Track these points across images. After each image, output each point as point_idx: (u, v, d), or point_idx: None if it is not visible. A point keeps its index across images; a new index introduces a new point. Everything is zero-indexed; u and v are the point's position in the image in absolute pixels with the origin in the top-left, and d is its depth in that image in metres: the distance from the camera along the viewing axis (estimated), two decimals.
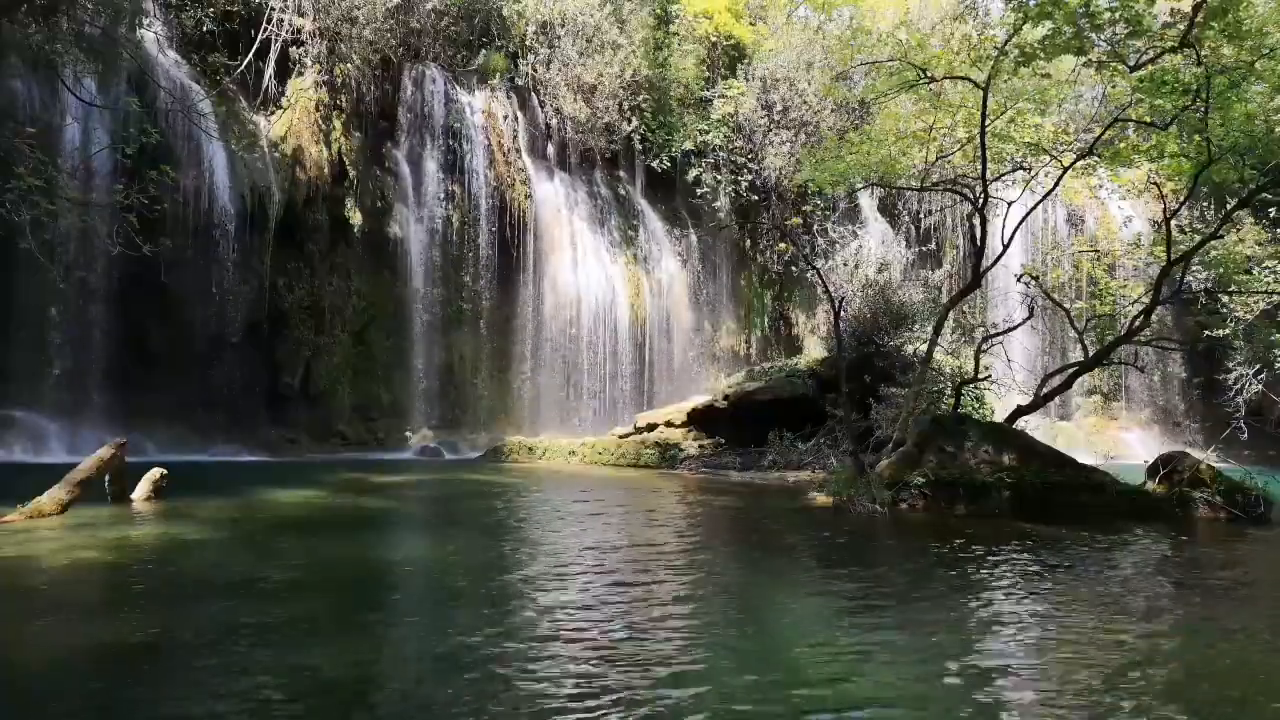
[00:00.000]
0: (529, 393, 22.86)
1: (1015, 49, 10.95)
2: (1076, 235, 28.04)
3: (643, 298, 24.58)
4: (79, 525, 7.47)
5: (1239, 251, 17.28)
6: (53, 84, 15.22)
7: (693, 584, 6.00)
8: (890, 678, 3.98)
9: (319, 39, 20.27)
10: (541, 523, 9.32)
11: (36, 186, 11.28)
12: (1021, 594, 5.88)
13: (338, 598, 5.46)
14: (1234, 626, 5.14)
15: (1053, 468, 10.58)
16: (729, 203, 26.24)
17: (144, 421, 15.94)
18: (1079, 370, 13.62)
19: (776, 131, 25.79)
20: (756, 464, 15.85)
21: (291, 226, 19.46)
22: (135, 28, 15.64)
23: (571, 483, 13.64)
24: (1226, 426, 21.40)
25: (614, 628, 4.68)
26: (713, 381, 24.04)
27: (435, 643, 4.39)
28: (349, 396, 20.44)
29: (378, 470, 14.60)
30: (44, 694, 3.65)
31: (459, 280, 22.07)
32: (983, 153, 11.90)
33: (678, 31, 26.49)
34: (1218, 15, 9.79)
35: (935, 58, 12.34)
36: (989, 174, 12.28)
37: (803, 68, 25.81)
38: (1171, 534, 8.89)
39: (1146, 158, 12.44)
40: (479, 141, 22.56)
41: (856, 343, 17.10)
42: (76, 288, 16.22)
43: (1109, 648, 4.52)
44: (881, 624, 4.94)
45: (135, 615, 4.82)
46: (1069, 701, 3.70)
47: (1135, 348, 16.25)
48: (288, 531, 8.05)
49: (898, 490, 10.11)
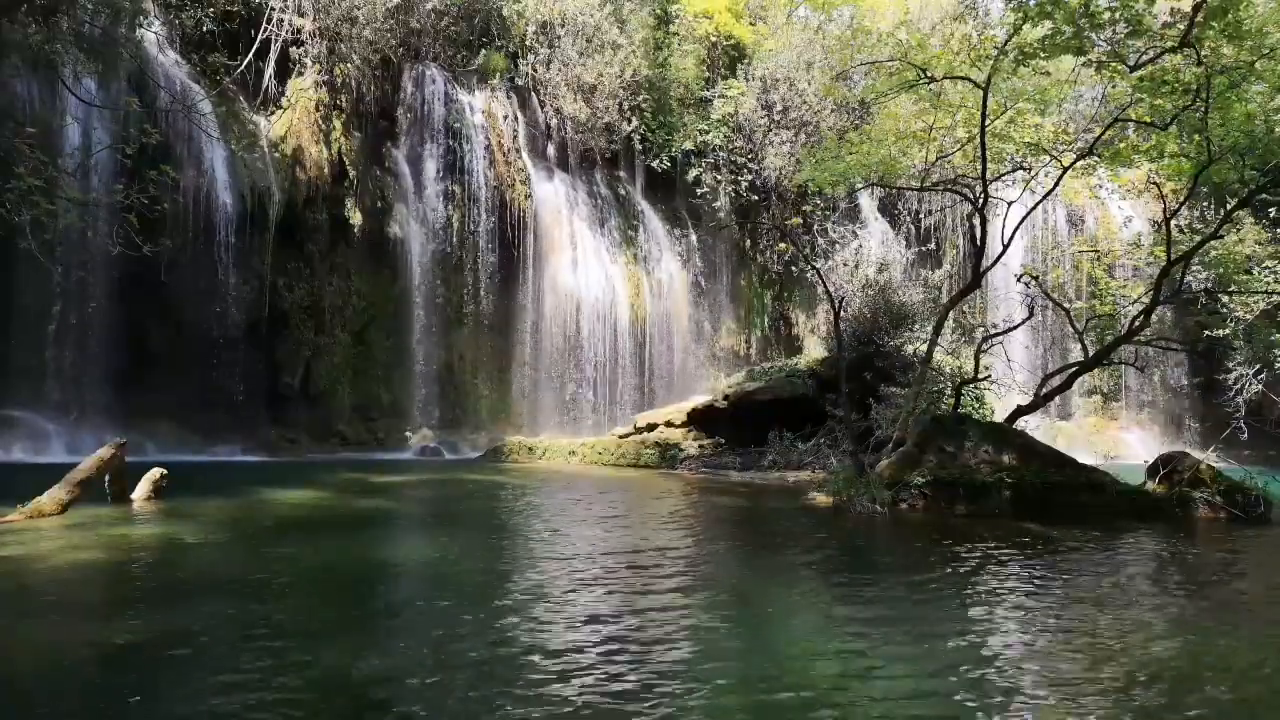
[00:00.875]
0: (529, 393, 22.86)
1: (1015, 49, 10.95)
2: (1076, 235, 28.04)
3: (643, 298, 24.58)
4: (79, 525, 7.47)
5: (1239, 251, 17.26)
6: (53, 84, 15.22)
7: (693, 584, 6.00)
8: (890, 678, 3.98)
9: (319, 39, 20.27)
10: (541, 523, 9.31)
11: (36, 186, 11.28)
12: (1022, 594, 5.88)
13: (338, 598, 5.46)
14: (1234, 627, 5.14)
15: (1053, 468, 10.58)
16: (729, 203, 26.24)
17: (144, 421, 15.96)
18: (1079, 370, 13.61)
19: (776, 131, 25.79)
20: (756, 464, 15.86)
21: (291, 226, 19.46)
22: (135, 28, 15.63)
23: (571, 483, 13.64)
24: (1226, 426, 21.39)
25: (613, 628, 4.68)
26: (713, 381, 24.04)
27: (435, 643, 4.39)
28: (349, 396, 20.44)
29: (378, 470, 14.60)
30: (44, 694, 3.65)
31: (459, 280, 22.07)
32: (983, 153, 11.89)
33: (678, 31, 26.49)
34: (1218, 15, 9.78)
35: (935, 58, 12.33)
36: (989, 174, 12.27)
37: (803, 68, 25.81)
38: (1171, 534, 8.89)
39: (1146, 158, 12.43)
40: (479, 141, 22.55)
41: (856, 343, 17.10)
42: (76, 288, 16.22)
43: (1109, 648, 4.52)
44: (882, 624, 4.94)
45: (135, 615, 4.82)
46: (1070, 701, 3.70)
47: (1135, 348, 16.24)
48: (288, 532, 8.05)
49: (898, 490, 10.11)
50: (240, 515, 8.82)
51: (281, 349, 19.40)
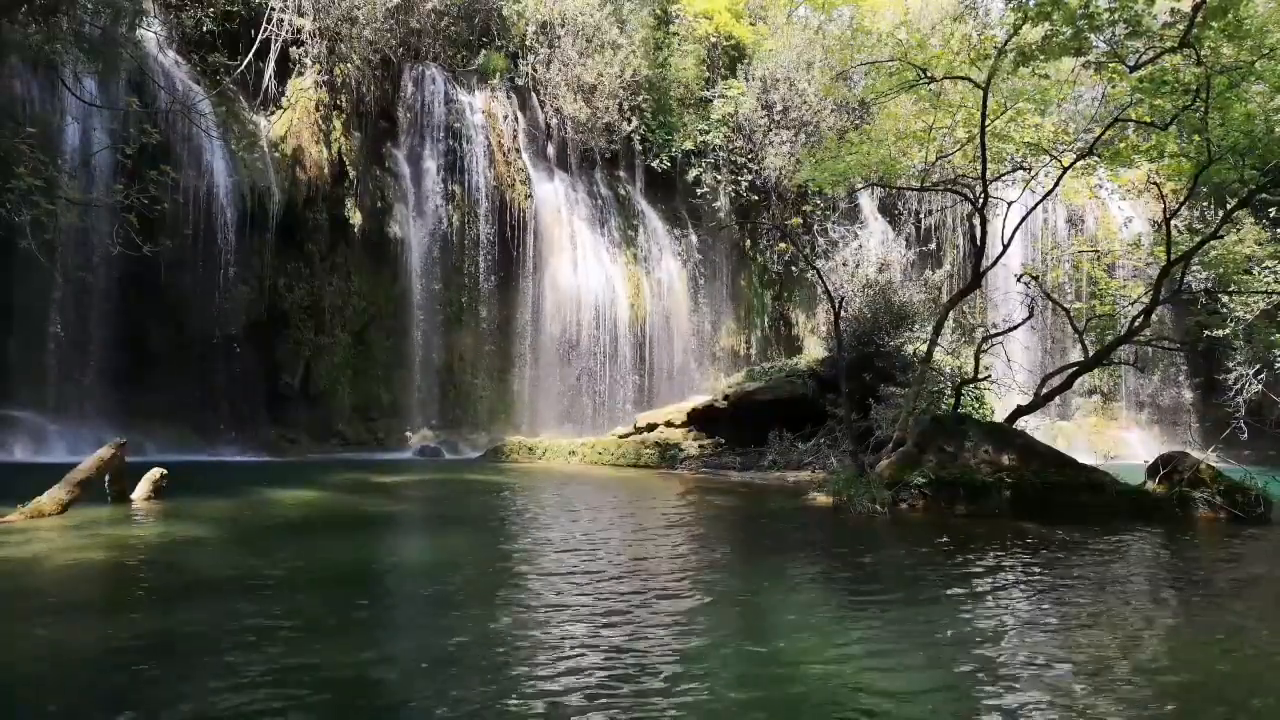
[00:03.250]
0: (529, 393, 22.86)
1: (1015, 49, 10.94)
2: (1076, 235, 28.03)
3: (643, 298, 24.58)
4: (79, 525, 7.47)
5: (1239, 251, 17.28)
6: (53, 84, 15.22)
7: (692, 584, 6.00)
8: (890, 677, 3.98)
9: (319, 39, 20.26)
10: (541, 523, 9.31)
11: (36, 186, 11.29)
12: (1022, 594, 5.88)
13: (338, 598, 5.45)
14: (1234, 627, 5.14)
15: (1053, 468, 10.58)
16: (729, 203, 26.24)
17: (144, 421, 15.95)
18: (1079, 370, 13.61)
19: (776, 131, 25.79)
20: (756, 464, 15.85)
21: (291, 226, 19.45)
22: (135, 28, 15.62)
23: (571, 483, 13.64)
24: (1226, 426, 21.42)
25: (613, 628, 4.68)
26: (713, 381, 24.04)
27: (436, 643, 4.39)
28: (349, 396, 20.43)
29: (378, 470, 14.60)
30: (44, 694, 3.64)
31: (459, 280, 22.06)
32: (983, 153, 11.89)
33: (678, 31, 26.49)
34: (1218, 15, 9.78)
35: (935, 58, 12.32)
36: (989, 174, 12.27)
37: (803, 68, 25.81)
38: (1172, 534, 8.89)
39: (1146, 158, 12.43)
40: (479, 141, 22.54)
41: (856, 343, 17.09)
42: (76, 288, 16.21)
43: (1108, 648, 4.52)
44: (882, 624, 4.94)
45: (135, 615, 4.82)
46: (1070, 702, 3.70)
47: (1135, 348, 16.25)
48: (288, 531, 8.06)
49: (898, 490, 10.11)
50: (240, 515, 8.82)
51: (281, 349, 19.40)
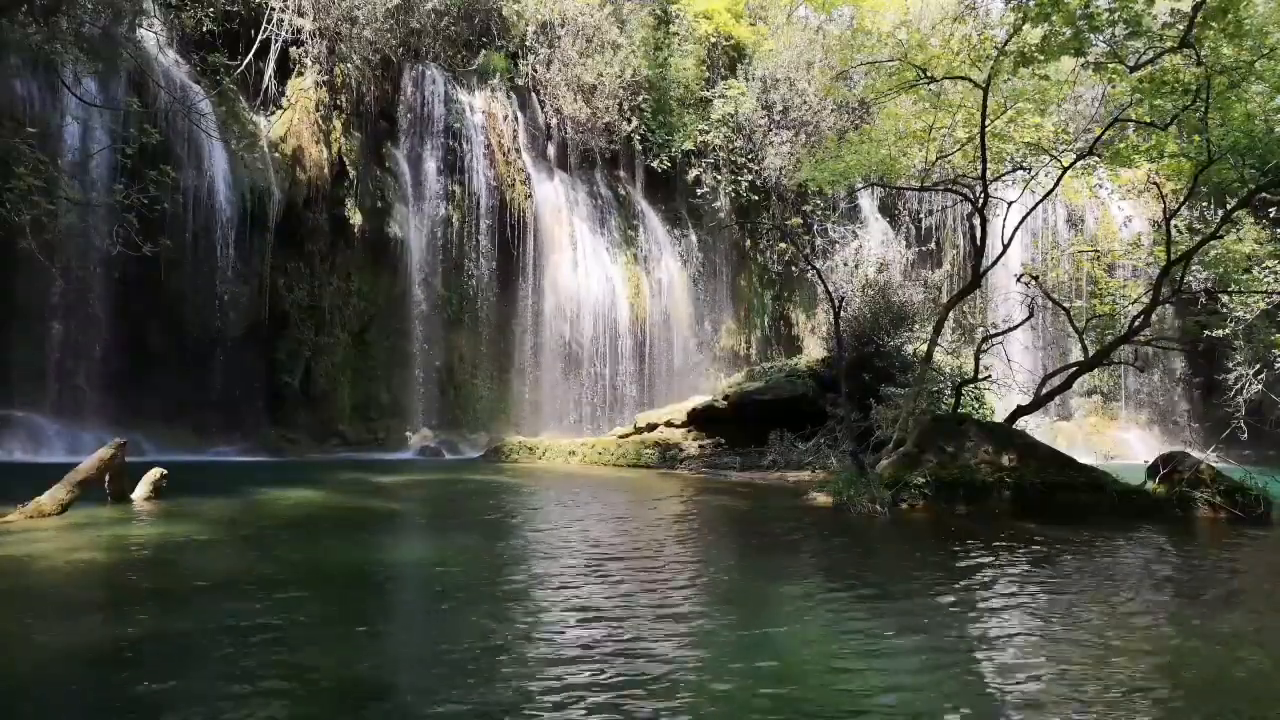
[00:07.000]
0: (529, 393, 22.86)
1: (1015, 50, 10.95)
2: (1076, 235, 28.06)
3: (643, 298, 24.58)
4: (79, 525, 7.46)
5: (1239, 251, 17.26)
6: (53, 84, 15.21)
7: (692, 584, 6.00)
8: (890, 677, 3.98)
9: (319, 39, 20.26)
10: (541, 524, 9.31)
11: (36, 186, 11.29)
12: (1021, 594, 5.88)
13: (338, 598, 5.46)
14: (1233, 628, 5.14)
15: (1053, 468, 10.58)
16: (729, 203, 26.24)
17: (144, 421, 15.94)
18: (1079, 370, 13.62)
19: (776, 131, 25.80)
20: (756, 464, 15.84)
21: (291, 226, 19.45)
22: (135, 28, 15.65)
23: (571, 483, 13.64)
24: (1226, 426, 21.42)
25: (613, 627, 4.67)
26: (713, 381, 24.04)
27: (436, 643, 4.39)
28: (349, 396, 20.43)
29: (378, 470, 14.60)
30: (43, 694, 3.64)
31: (459, 280, 22.06)
32: (983, 153, 11.90)
33: (678, 32, 26.49)
34: (1218, 15, 9.78)
35: (935, 58, 12.35)
36: (989, 174, 12.28)
37: (803, 68, 25.83)
38: (1172, 534, 8.88)
39: (1146, 158, 12.45)
40: (479, 141, 22.54)
41: (856, 343, 17.08)
42: (76, 288, 16.21)
43: (1108, 649, 4.52)
44: (882, 624, 4.94)
45: (135, 615, 4.81)
46: (1069, 702, 3.70)
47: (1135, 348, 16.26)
48: (288, 532, 8.05)
49: (898, 490, 10.11)
50: (240, 515, 8.81)
51: (281, 349, 19.39)
